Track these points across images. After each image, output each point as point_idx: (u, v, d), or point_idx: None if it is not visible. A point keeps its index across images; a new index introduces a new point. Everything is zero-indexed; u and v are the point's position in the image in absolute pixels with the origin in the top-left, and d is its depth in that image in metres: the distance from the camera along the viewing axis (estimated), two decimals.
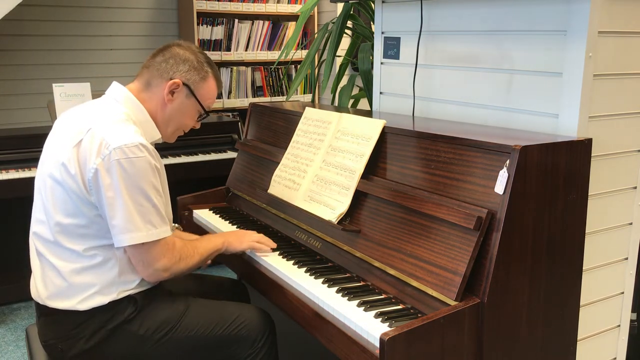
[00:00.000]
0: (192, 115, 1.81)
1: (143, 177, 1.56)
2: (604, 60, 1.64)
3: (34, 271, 1.70)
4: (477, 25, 1.93)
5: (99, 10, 4.24)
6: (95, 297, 1.61)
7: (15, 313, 3.30)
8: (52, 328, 1.66)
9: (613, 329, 1.88)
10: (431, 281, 1.48)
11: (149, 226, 1.58)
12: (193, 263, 1.73)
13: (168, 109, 1.75)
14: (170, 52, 1.75)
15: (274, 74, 4.79)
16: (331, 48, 3.02)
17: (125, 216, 1.54)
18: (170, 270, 1.65)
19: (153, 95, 1.73)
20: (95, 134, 1.56)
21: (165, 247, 1.62)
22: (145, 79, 1.75)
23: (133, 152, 1.54)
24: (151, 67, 1.75)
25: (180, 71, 1.73)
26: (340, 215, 1.79)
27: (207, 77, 1.78)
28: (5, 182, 2.98)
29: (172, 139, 1.85)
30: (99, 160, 1.53)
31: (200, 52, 1.80)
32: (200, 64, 1.76)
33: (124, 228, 1.55)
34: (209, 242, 1.84)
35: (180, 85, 1.73)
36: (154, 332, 1.67)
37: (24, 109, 4.05)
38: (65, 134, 1.63)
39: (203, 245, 1.80)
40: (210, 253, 1.81)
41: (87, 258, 1.61)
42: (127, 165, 1.53)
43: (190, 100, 1.76)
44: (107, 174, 1.53)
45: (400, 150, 1.74)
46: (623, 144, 1.74)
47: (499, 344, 1.45)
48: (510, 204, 1.39)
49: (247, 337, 1.75)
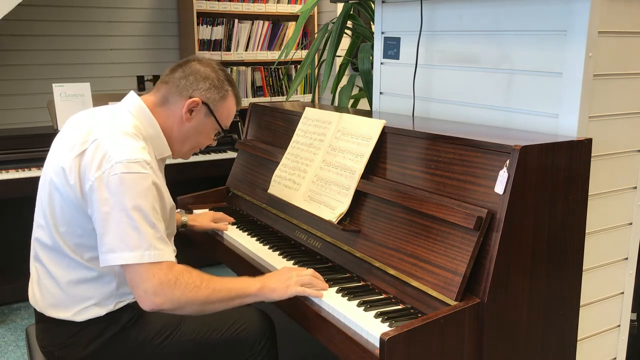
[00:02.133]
0: (209, 134, 1.75)
1: (142, 195, 1.45)
2: (604, 60, 1.64)
3: (32, 276, 1.67)
4: (477, 25, 1.93)
5: (99, 10, 4.24)
6: (91, 309, 1.58)
7: (15, 313, 3.30)
8: (49, 335, 1.64)
9: (613, 329, 1.88)
10: (431, 281, 1.48)
11: (145, 246, 1.44)
12: (201, 296, 1.48)
13: (185, 128, 1.68)
14: (191, 68, 1.68)
15: (274, 74, 4.79)
16: (331, 48, 3.02)
17: (118, 234, 1.43)
18: (163, 296, 1.43)
19: (170, 112, 1.67)
20: (100, 145, 1.49)
21: (160, 271, 1.44)
22: (162, 94, 1.68)
23: (135, 168, 1.46)
24: (170, 82, 1.67)
25: (200, 89, 1.66)
26: (340, 215, 1.79)
27: (227, 96, 1.71)
28: (5, 182, 2.98)
29: (187, 156, 1.79)
30: (99, 173, 1.46)
31: (220, 69, 1.73)
32: (220, 83, 1.70)
33: (115, 246, 1.43)
34: (237, 282, 1.57)
35: (200, 104, 1.66)
36: (153, 337, 1.65)
37: (24, 109, 4.05)
38: (71, 140, 1.57)
39: (225, 282, 1.53)
40: (236, 295, 1.54)
41: (85, 269, 1.56)
42: (128, 180, 1.44)
43: (209, 120, 1.70)
44: (105, 188, 1.44)
45: (400, 150, 1.74)
46: (623, 144, 1.74)
47: (499, 344, 1.45)
48: (510, 204, 1.39)
49: (247, 339, 1.74)
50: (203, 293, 1.48)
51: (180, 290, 1.45)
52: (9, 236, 3.28)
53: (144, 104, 1.66)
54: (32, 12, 4.01)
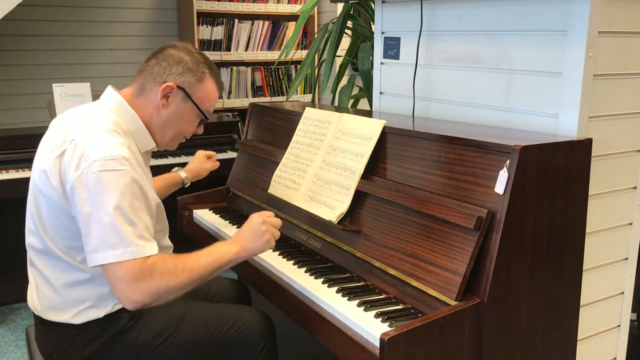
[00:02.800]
0: (190, 121, 1.70)
1: (121, 193, 1.43)
2: (604, 60, 1.64)
3: (30, 281, 1.67)
4: (477, 25, 1.93)
5: (99, 10, 4.24)
6: (89, 311, 1.57)
7: (15, 313, 3.30)
8: (48, 338, 1.64)
9: (613, 329, 1.88)
10: (431, 281, 1.48)
11: (126, 244, 1.42)
12: (180, 281, 1.47)
13: (164, 115, 1.65)
14: (164, 54, 1.65)
15: (274, 74, 4.79)
16: (331, 48, 3.02)
17: (100, 233, 1.42)
18: (141, 292, 1.42)
19: (147, 100, 1.64)
20: (78, 145, 1.48)
21: (134, 267, 1.42)
22: (139, 83, 1.66)
23: (113, 166, 1.44)
24: (145, 71, 1.65)
25: (174, 73, 1.63)
26: (340, 215, 1.79)
27: (204, 78, 1.66)
28: (5, 182, 2.98)
29: (172, 146, 1.75)
30: (78, 173, 1.44)
31: (197, 52, 1.69)
32: (196, 65, 1.65)
33: (98, 246, 1.42)
34: (213, 253, 1.55)
35: (175, 89, 1.62)
36: (153, 339, 1.64)
37: (24, 109, 4.05)
38: (51, 141, 1.56)
39: (201, 258, 1.53)
40: (216, 267, 1.54)
41: (78, 271, 1.55)
42: (105, 178, 1.43)
43: (187, 105, 1.66)
44: (84, 188, 1.43)
45: (400, 150, 1.74)
46: (623, 144, 1.74)
47: (499, 344, 1.45)
48: (510, 204, 1.39)
49: (247, 340, 1.74)
50: (181, 277, 1.47)
51: (156, 280, 1.44)
52: (9, 236, 3.27)
53: (122, 98, 1.63)
54: (32, 12, 4.01)
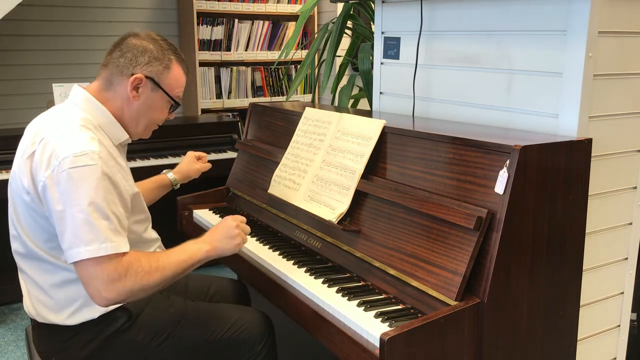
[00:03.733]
0: (162, 109, 1.67)
1: (93, 188, 1.42)
2: (604, 60, 1.64)
3: (22, 287, 1.67)
4: (477, 25, 1.93)
5: (99, 10, 4.24)
6: (82, 311, 1.56)
7: (15, 313, 3.30)
8: (45, 341, 1.64)
9: (613, 329, 1.88)
10: (431, 281, 1.48)
11: (101, 239, 1.41)
12: (153, 280, 1.47)
13: (135, 106, 1.62)
14: (127, 44, 1.62)
15: (274, 74, 4.79)
16: (331, 48, 3.02)
17: (73, 230, 1.41)
18: (114, 291, 1.42)
19: (116, 94, 1.61)
20: (47, 145, 1.47)
21: (110, 265, 1.42)
22: (105, 77, 1.62)
23: (83, 161, 1.42)
24: (110, 64, 1.62)
25: (141, 64, 1.59)
26: (340, 215, 1.79)
27: (170, 65, 1.64)
28: (5, 182, 2.98)
29: (146, 135, 1.73)
30: (48, 172, 1.44)
31: (161, 38, 1.66)
32: (161, 52, 1.62)
33: (73, 243, 1.41)
34: (184, 251, 1.56)
35: (144, 80, 1.59)
36: (152, 339, 1.64)
37: (24, 109, 4.05)
38: (23, 144, 1.57)
39: (172, 256, 1.54)
40: (187, 265, 1.55)
41: (64, 270, 1.54)
42: (76, 175, 1.41)
43: (157, 94, 1.63)
44: (56, 187, 1.42)
45: (400, 150, 1.74)
46: (623, 144, 1.74)
47: (499, 344, 1.45)
48: (510, 204, 1.39)
49: (246, 340, 1.74)
50: (154, 276, 1.47)
51: (131, 280, 1.44)
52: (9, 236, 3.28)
53: (88, 94, 1.61)
54: (32, 12, 4.01)
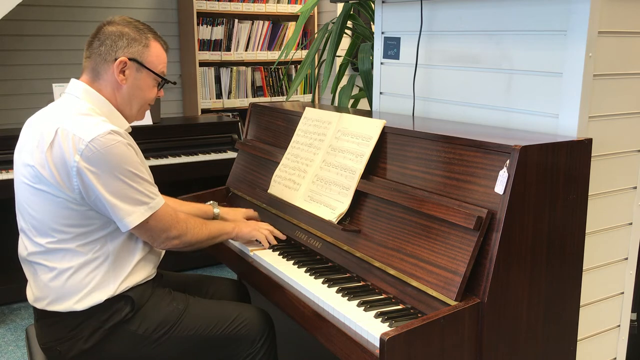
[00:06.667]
0: (150, 87, 1.75)
1: (126, 160, 1.57)
2: (604, 60, 1.64)
3: (28, 277, 1.70)
4: (477, 25, 1.93)
5: (99, 10, 4.24)
6: (92, 295, 1.61)
7: (15, 313, 3.30)
8: (50, 331, 1.65)
9: (613, 329, 1.88)
10: (431, 281, 1.48)
11: (146, 200, 1.61)
12: (202, 236, 1.78)
13: (125, 89, 1.70)
14: (104, 33, 1.69)
15: (274, 74, 4.79)
16: (331, 48, 3.02)
17: (123, 201, 1.57)
18: (180, 239, 1.71)
19: (105, 82, 1.69)
20: (64, 132, 1.55)
21: (168, 215, 1.67)
22: (90, 69, 1.71)
23: (109, 140, 1.54)
24: (92, 55, 1.70)
25: (121, 47, 1.68)
26: (340, 215, 1.79)
27: (149, 44, 1.72)
28: (6, 182, 2.98)
29: (140, 116, 1.81)
30: (78, 157, 1.53)
31: (134, 20, 1.74)
32: (138, 33, 1.71)
33: (125, 212, 1.58)
34: (219, 224, 1.91)
35: (127, 62, 1.68)
36: (153, 331, 1.67)
37: (24, 109, 4.05)
38: (34, 139, 1.61)
39: (213, 225, 1.86)
40: (219, 234, 1.86)
41: (76, 256, 1.60)
42: (107, 154, 1.54)
43: (143, 73, 1.72)
44: (92, 169, 1.53)
45: (400, 150, 1.74)
46: (623, 144, 1.74)
47: (499, 344, 1.45)
48: (510, 204, 1.39)
49: (246, 336, 1.76)
50: (204, 233, 1.79)
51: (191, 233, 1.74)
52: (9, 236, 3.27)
53: (87, 85, 1.70)
54: (32, 12, 4.01)
